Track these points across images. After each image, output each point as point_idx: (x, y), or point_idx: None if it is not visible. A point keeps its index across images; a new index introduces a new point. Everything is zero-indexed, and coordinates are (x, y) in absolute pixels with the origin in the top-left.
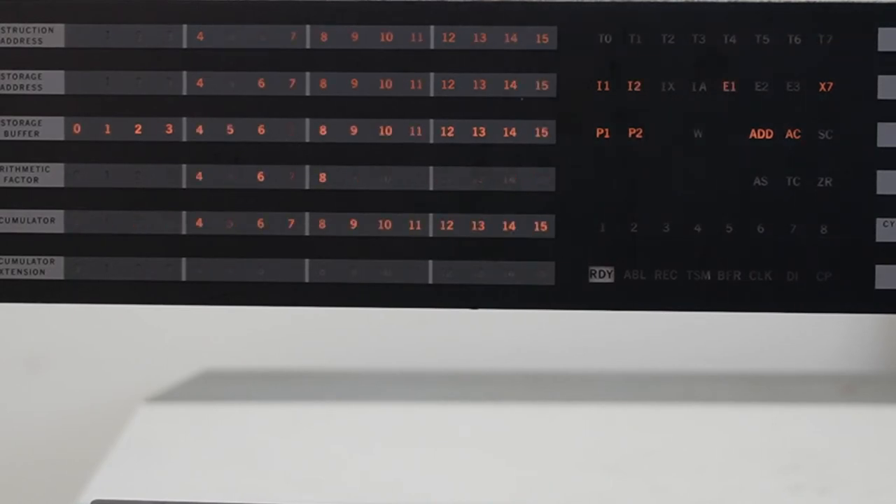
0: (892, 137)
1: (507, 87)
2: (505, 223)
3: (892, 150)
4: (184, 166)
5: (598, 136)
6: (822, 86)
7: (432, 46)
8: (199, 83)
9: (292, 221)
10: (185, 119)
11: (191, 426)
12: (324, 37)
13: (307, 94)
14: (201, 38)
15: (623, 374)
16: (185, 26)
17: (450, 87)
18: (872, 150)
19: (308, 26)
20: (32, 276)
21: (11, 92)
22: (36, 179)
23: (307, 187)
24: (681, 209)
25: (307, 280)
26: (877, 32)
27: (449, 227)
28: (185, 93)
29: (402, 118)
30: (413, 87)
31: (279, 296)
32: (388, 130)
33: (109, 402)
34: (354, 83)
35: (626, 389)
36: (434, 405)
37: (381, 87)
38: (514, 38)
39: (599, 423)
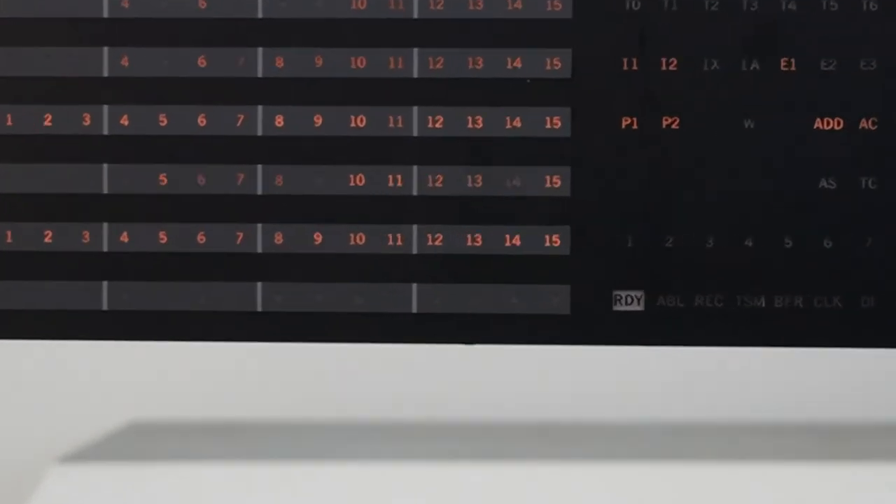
0: None
1: (509, 66)
2: (507, 237)
3: None
4: (105, 166)
5: (623, 127)
6: None
7: (416, 15)
8: (124, 61)
9: (241, 235)
10: (106, 107)
11: (113, 491)
12: (281, 1)
13: (259, 74)
14: (126, 6)
15: (656, 424)
16: None
17: (438, 65)
18: None
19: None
20: None
21: None
22: None
23: (259, 192)
24: (728, 219)
25: (259, 309)
26: None
27: (437, 242)
28: (106, 74)
29: (378, 105)
30: (392, 65)
31: (225, 328)
32: (361, 121)
33: (13, 462)
34: (318, 61)
35: (659, 444)
36: (417, 465)
37: (352, 66)
38: (519, 5)
39: (625, 487)
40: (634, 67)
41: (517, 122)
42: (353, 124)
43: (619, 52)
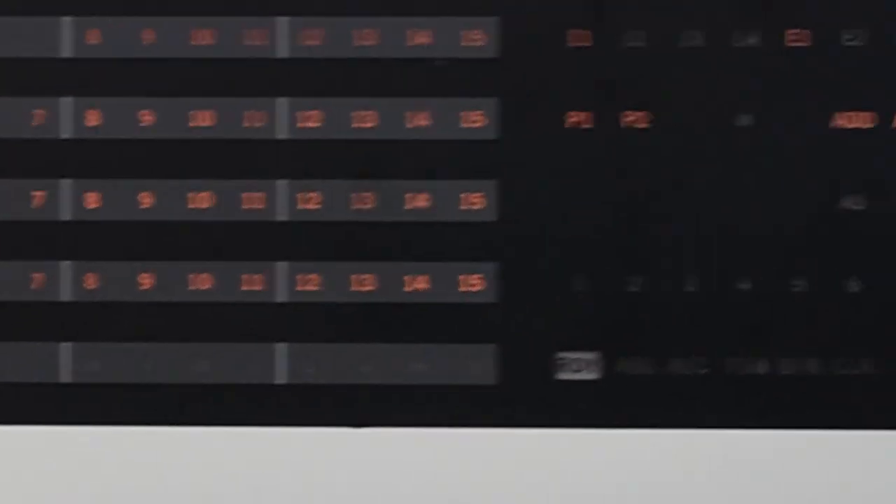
0: None
1: (411, 43)
2: (407, 279)
3: None
4: None
5: (570, 124)
6: None
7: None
8: None
9: (39, 277)
10: None
11: None
12: None
13: (65, 55)
14: None
15: None
16: None
17: (313, 40)
18: None
19: None
20: None
21: None
22: None
23: (66, 217)
24: (716, 252)
25: (65, 379)
26: None
27: (312, 286)
28: None
29: (231, 96)
30: (248, 41)
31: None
32: (207, 118)
33: None
34: (148, 36)
35: None
36: None
37: (192, 41)
38: None
39: None
40: (586, 43)
41: (423, 119)
42: (192, 123)
43: (565, 22)
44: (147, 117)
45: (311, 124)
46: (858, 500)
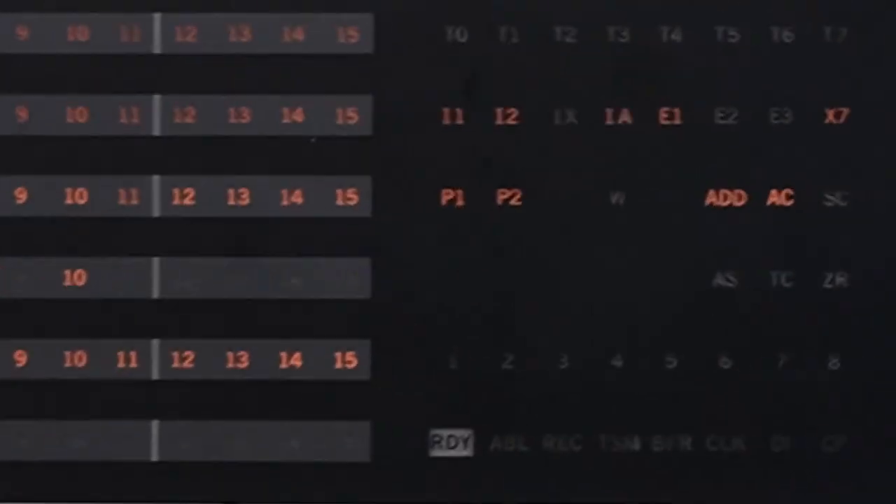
0: None
1: (286, 120)
2: (283, 355)
3: None
4: None
5: (445, 202)
6: (831, 115)
7: (157, 49)
8: None
9: None
10: None
11: None
12: None
13: None
14: None
15: None
16: None
17: (187, 118)
18: None
19: None
20: None
21: None
22: None
23: None
24: (589, 329)
25: None
26: None
27: (186, 364)
28: None
29: (104, 173)
30: (125, 118)
31: None
32: (82, 196)
33: None
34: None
35: None
36: None
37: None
38: (300, 35)
39: None
40: (459, 121)
41: (297, 196)
42: (69, 200)
43: (439, 101)
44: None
45: (185, 202)
46: None
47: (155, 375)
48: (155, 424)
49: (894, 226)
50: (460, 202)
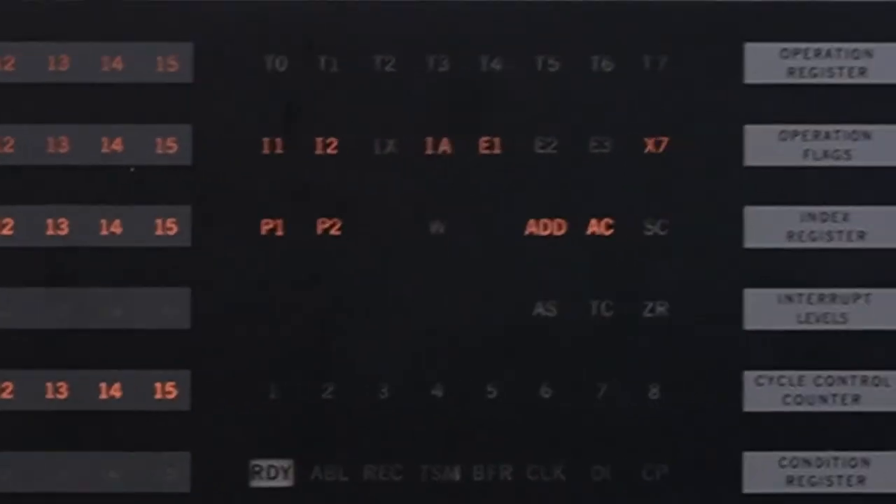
0: (768, 232)
1: (105, 149)
2: (103, 386)
3: (769, 253)
4: None
5: (264, 232)
6: (650, 144)
7: None
8: None
9: None
10: None
11: None
12: None
13: None
14: None
15: None
16: None
17: (6, 148)
18: (736, 252)
19: None
20: None
21: None
22: None
23: None
24: (409, 358)
25: None
26: (742, 52)
27: (5, 395)
28: None
29: None
30: None
31: None
32: None
33: None
34: None
35: None
36: None
37: None
38: (119, 64)
39: None
40: (279, 150)
41: (116, 227)
42: None
43: (258, 130)
44: None
45: (3, 232)
46: None
47: None
48: None
49: (713, 255)
50: (280, 231)
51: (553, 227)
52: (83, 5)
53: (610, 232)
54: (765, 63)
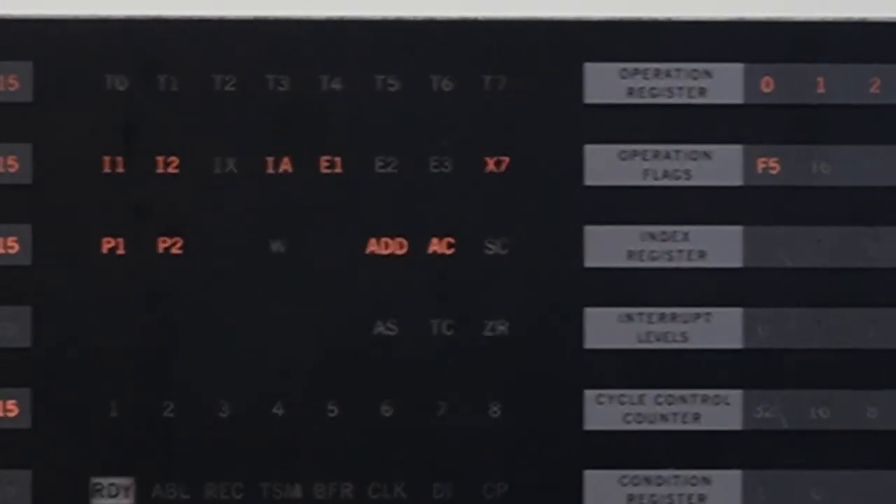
0: (607, 251)
1: None
2: None
3: (608, 272)
4: None
5: (105, 251)
6: (491, 163)
7: None
8: None
9: None
10: None
11: None
12: None
13: None
14: None
15: None
16: None
17: None
18: (576, 271)
19: None
20: None
21: None
22: None
23: None
24: (249, 376)
25: None
26: (582, 71)
27: None
28: None
29: None
30: None
31: None
32: None
33: None
34: None
35: None
36: None
37: None
38: None
39: None
40: (119, 169)
41: None
42: None
43: (98, 149)
44: None
45: None
46: None
47: None
48: None
49: (554, 274)
50: (121, 250)
51: (394, 246)
52: None
53: (451, 251)
54: (604, 83)
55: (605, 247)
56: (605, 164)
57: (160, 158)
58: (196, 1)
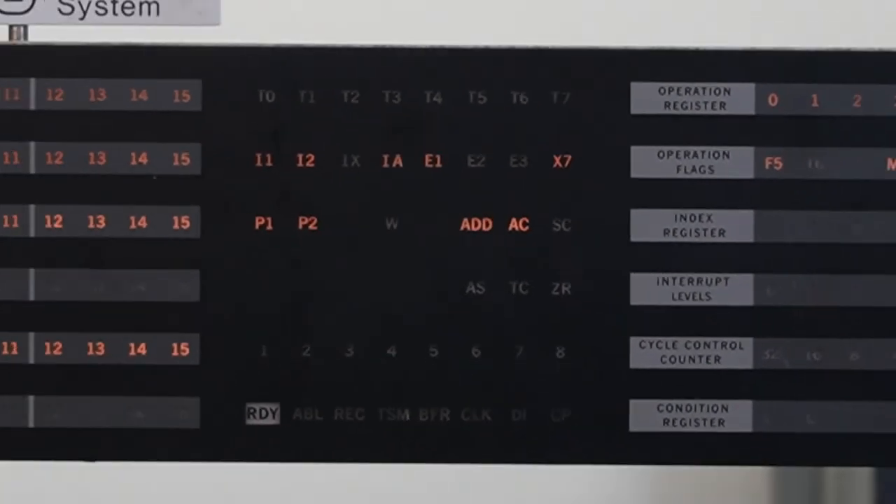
0: (648, 229)
1: (134, 163)
2: (132, 346)
3: (649, 246)
4: None
5: (257, 227)
6: (557, 160)
7: (33, 106)
8: None
9: None
10: None
11: None
12: None
13: None
14: None
15: None
16: None
17: (57, 161)
18: (624, 245)
19: None
20: None
21: None
22: None
23: None
24: (369, 325)
25: None
26: (629, 89)
27: (56, 352)
28: None
29: None
30: (7, 160)
31: None
32: None
33: None
34: None
35: None
36: None
37: None
38: (144, 96)
39: None
40: (269, 164)
41: (143, 222)
42: None
43: (253, 148)
44: None
45: (56, 225)
46: None
47: (31, 360)
48: (31, 399)
49: (606, 247)
50: (269, 227)
51: (482, 225)
52: None
53: (526, 229)
54: (646, 98)
55: (647, 226)
56: (646, 161)
57: (300, 155)
58: (328, 32)
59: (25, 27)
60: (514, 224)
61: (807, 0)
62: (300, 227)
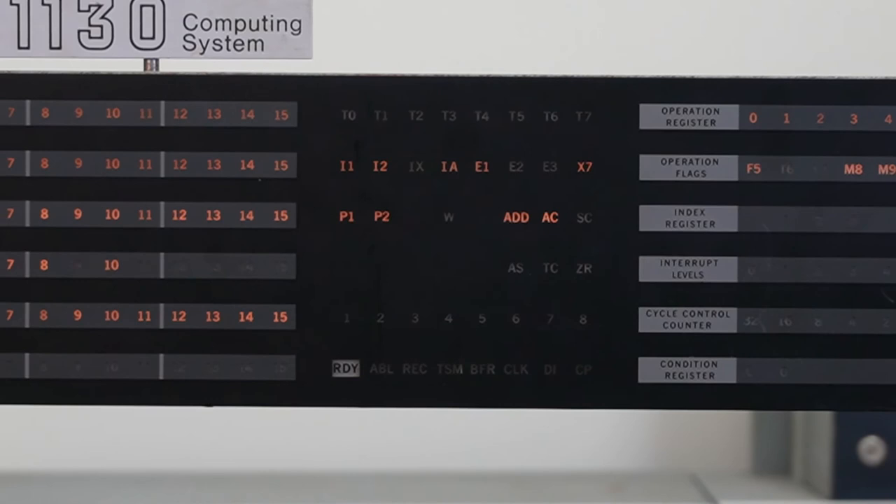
0: (653, 221)
1: (243, 168)
2: (241, 314)
3: (654, 234)
4: None
5: (341, 219)
6: (581, 166)
7: (163, 123)
8: None
9: (10, 313)
10: None
11: None
12: (45, 112)
13: (27, 174)
14: None
15: (369, 473)
16: None
17: (182, 167)
18: (634, 234)
19: (28, 101)
20: None
21: None
22: None
23: (27, 275)
24: (430, 298)
25: (27, 376)
26: (638, 109)
27: (181, 319)
28: None
29: (130, 200)
30: (142, 167)
31: None
32: (115, 214)
33: None
34: (78, 163)
35: (371, 490)
36: None
37: (108, 166)
38: (252, 115)
39: None
40: (351, 169)
41: (250, 216)
42: (108, 217)
43: (338, 156)
44: (78, 213)
45: (182, 218)
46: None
47: (161, 326)
48: (161, 357)
49: (620, 235)
50: (351, 219)
51: (521, 217)
52: None
53: (556, 221)
54: (652, 116)
55: (653, 218)
56: (652, 167)
57: (375, 162)
58: (399, 62)
59: (157, 60)
60: (547, 217)
61: (779, 34)
62: (376, 219)
